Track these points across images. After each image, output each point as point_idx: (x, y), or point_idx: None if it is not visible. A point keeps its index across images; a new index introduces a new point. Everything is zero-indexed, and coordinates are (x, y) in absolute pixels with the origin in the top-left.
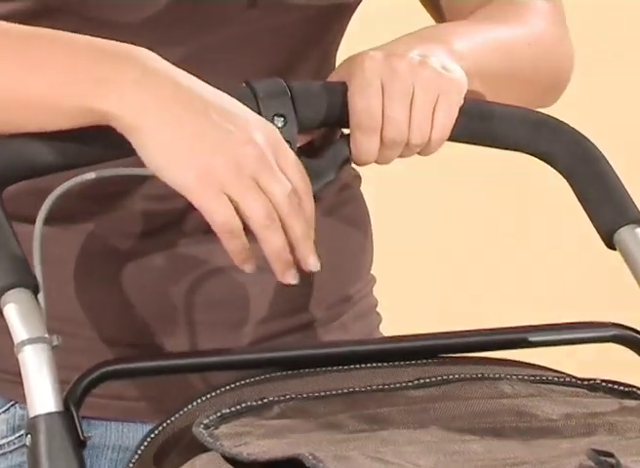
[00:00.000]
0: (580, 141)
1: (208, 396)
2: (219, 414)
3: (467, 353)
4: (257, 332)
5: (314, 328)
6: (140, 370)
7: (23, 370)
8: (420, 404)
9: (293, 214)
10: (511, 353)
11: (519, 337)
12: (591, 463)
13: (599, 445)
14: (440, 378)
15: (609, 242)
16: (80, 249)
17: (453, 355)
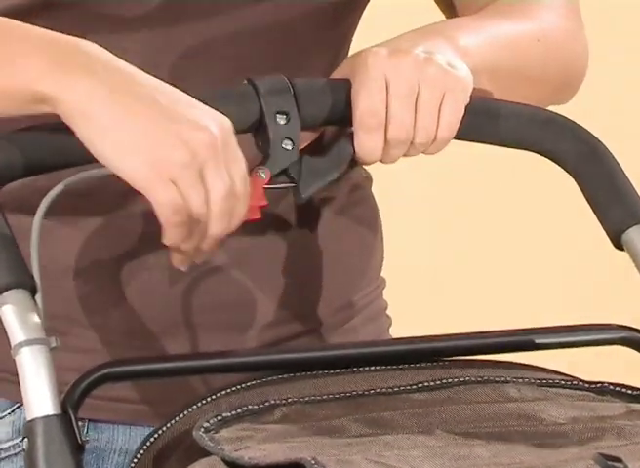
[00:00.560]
0: (589, 140)
1: (208, 399)
2: (219, 418)
3: (472, 356)
4: (262, 337)
5: (322, 331)
6: (140, 372)
7: (21, 372)
8: (425, 407)
9: (220, 216)
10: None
11: (525, 340)
12: None
13: (607, 449)
14: (445, 382)
15: (617, 242)
16: (80, 249)
17: (457, 358)
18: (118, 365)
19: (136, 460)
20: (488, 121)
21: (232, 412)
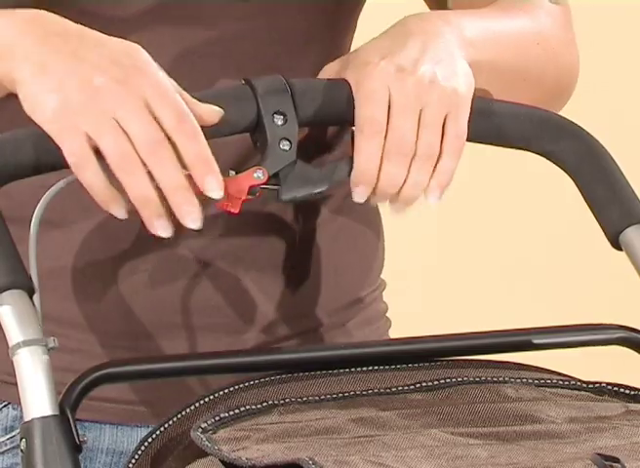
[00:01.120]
0: (586, 140)
1: (206, 399)
2: (217, 418)
3: (470, 356)
4: (259, 338)
5: (319, 333)
6: (137, 372)
7: (18, 373)
8: (422, 407)
9: (155, 155)
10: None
11: (523, 340)
12: None
13: (604, 449)
14: (442, 382)
15: (615, 242)
16: (69, 251)
17: (455, 358)
18: (116, 365)
19: (134, 461)
20: (485, 120)
21: (230, 413)
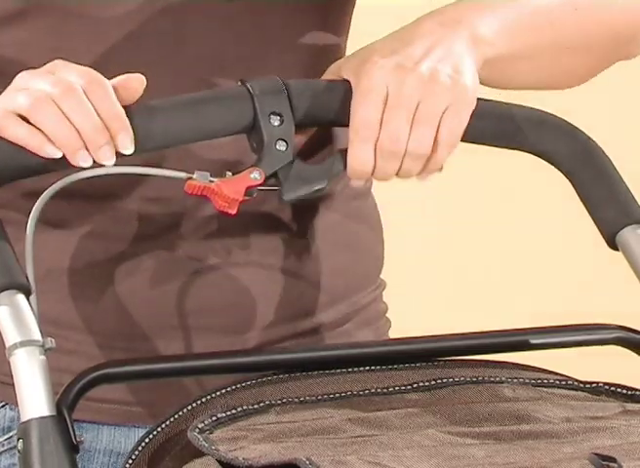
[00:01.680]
0: (583, 140)
1: (203, 399)
2: (214, 418)
3: (467, 356)
4: (259, 338)
5: (318, 334)
6: (134, 373)
7: (15, 374)
8: (419, 407)
9: (67, 98)
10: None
11: (520, 340)
12: None
13: (601, 449)
14: (439, 382)
15: (611, 242)
16: (74, 251)
17: (452, 358)
18: (113, 366)
19: (131, 461)
20: (481, 121)
21: (227, 413)
